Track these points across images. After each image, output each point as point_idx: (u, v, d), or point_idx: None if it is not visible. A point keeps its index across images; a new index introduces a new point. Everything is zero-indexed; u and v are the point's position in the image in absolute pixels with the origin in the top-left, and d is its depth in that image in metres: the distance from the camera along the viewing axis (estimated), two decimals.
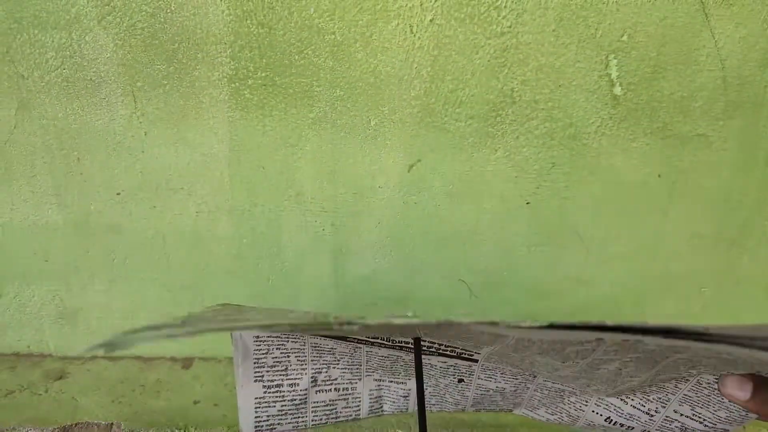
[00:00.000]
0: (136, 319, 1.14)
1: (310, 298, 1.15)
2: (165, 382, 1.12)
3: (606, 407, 0.60)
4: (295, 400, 0.61)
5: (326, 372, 0.62)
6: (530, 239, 1.13)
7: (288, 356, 0.60)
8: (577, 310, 1.20)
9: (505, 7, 0.93)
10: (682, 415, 0.56)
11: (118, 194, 1.05)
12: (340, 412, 0.64)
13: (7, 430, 0.99)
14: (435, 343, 0.61)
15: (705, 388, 0.53)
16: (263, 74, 0.97)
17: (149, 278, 1.11)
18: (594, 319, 1.15)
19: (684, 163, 1.10)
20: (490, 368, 0.62)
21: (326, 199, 1.08)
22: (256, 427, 0.60)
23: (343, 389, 0.63)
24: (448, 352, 0.62)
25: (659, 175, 1.06)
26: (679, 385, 0.55)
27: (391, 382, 0.64)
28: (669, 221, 1.14)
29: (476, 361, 0.62)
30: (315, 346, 0.62)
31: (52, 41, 0.93)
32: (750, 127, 1.07)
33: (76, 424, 1.01)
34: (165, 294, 1.12)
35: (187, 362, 1.17)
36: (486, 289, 1.17)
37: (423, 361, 0.61)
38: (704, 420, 0.55)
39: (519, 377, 0.62)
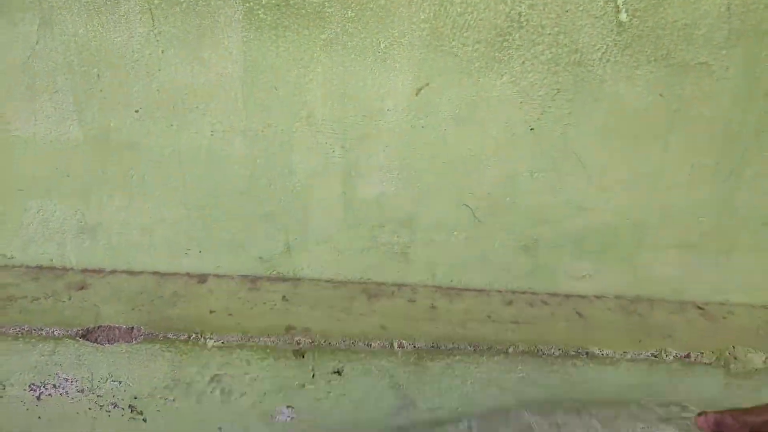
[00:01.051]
0: (153, 235, 1.19)
1: (319, 218, 1.20)
2: (181, 294, 1.18)
3: None
4: None
5: None
6: (533, 165, 1.17)
7: None
8: (577, 237, 1.24)
9: None
10: None
11: (137, 112, 1.09)
12: None
13: (35, 330, 1.06)
14: None
15: None
16: None
17: (166, 196, 1.15)
18: (593, 246, 1.19)
19: (686, 91, 1.13)
20: None
21: (336, 121, 1.12)
22: None
23: None
24: None
25: (660, 94, 1.08)
26: None
27: None
28: (669, 150, 1.18)
29: None
30: None
31: None
32: (752, 56, 1.09)
33: (98, 327, 1.08)
34: (181, 211, 1.17)
35: (202, 278, 1.23)
36: (489, 213, 1.21)
37: None
38: None
39: None
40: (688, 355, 1.16)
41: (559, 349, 1.14)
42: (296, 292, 1.21)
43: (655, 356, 1.16)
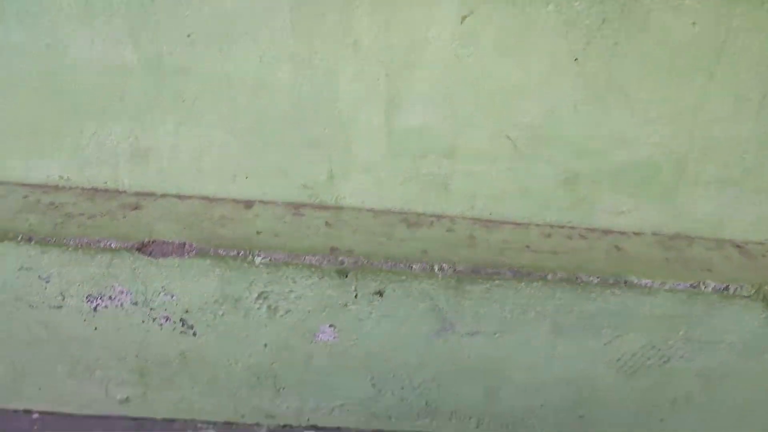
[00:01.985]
0: (202, 160, 1.23)
1: (362, 147, 1.22)
2: (229, 217, 1.22)
3: None
4: None
5: None
6: (577, 97, 1.18)
7: None
8: (617, 171, 1.25)
9: None
10: None
11: (188, 36, 1.12)
12: None
13: (93, 242, 1.12)
14: None
15: None
16: None
17: (215, 121, 1.19)
18: (633, 181, 1.20)
19: (734, 23, 1.11)
20: None
21: (381, 48, 1.14)
22: None
23: None
24: None
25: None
26: None
27: None
28: (715, 83, 1.17)
29: None
30: None
31: None
32: None
33: (152, 241, 1.13)
34: (229, 137, 1.21)
35: (248, 204, 1.27)
36: (530, 145, 1.22)
37: None
38: None
39: None
40: (727, 288, 1.17)
41: (598, 277, 1.16)
42: (339, 219, 1.25)
43: (694, 287, 1.17)
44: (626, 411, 1.35)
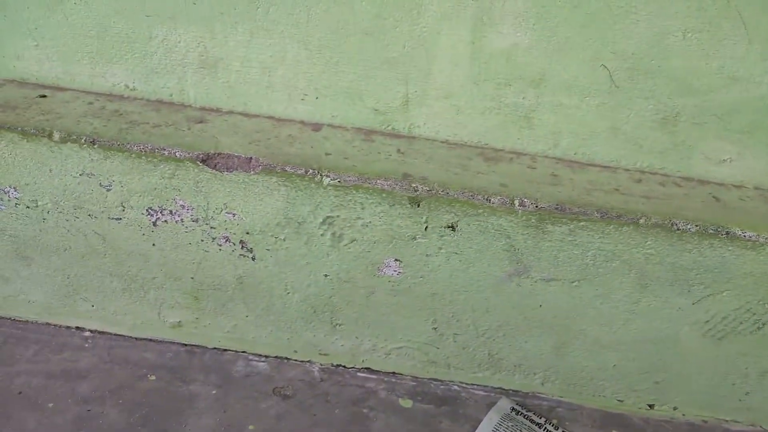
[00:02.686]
0: (272, 75, 1.16)
1: (442, 70, 1.13)
2: (297, 137, 1.15)
3: None
4: None
5: None
6: (688, 23, 1.05)
7: None
8: (724, 113, 1.12)
9: None
10: None
11: None
12: None
13: (157, 149, 1.06)
14: None
15: None
16: None
17: (289, 32, 1.12)
18: (740, 125, 1.08)
19: None
20: None
21: None
22: None
23: None
24: None
25: None
26: None
27: None
28: None
29: None
30: None
31: None
32: None
33: (218, 154, 1.07)
34: (302, 51, 1.14)
35: (316, 126, 1.20)
36: (628, 77, 1.11)
37: None
38: None
39: None
40: None
41: (696, 225, 1.05)
42: (411, 148, 1.17)
43: None
44: (707, 380, 1.24)
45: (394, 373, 1.30)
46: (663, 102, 1.12)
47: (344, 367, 1.31)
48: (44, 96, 1.18)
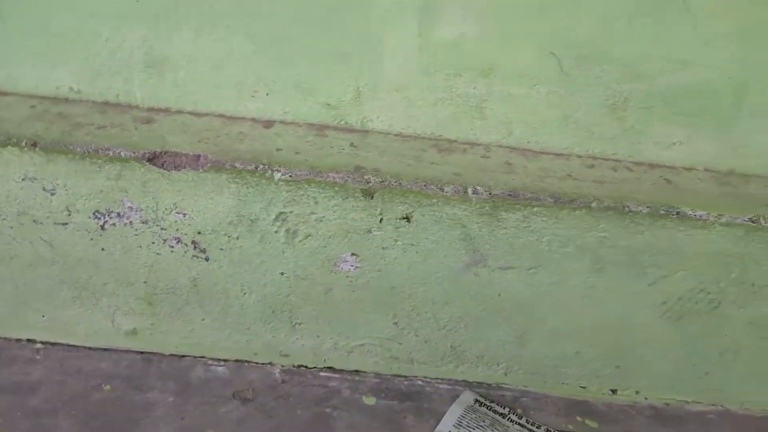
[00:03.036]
0: (221, 73, 1.15)
1: (393, 62, 1.13)
2: (248, 134, 1.14)
3: None
4: None
5: None
6: (634, 8, 1.07)
7: None
8: (671, 96, 1.14)
9: None
10: None
11: None
12: None
13: (102, 149, 1.03)
14: None
15: None
16: None
17: (237, 26, 1.10)
18: (688, 108, 1.09)
19: None
20: None
21: None
22: None
23: None
24: None
25: None
26: None
27: None
28: None
29: None
30: None
31: None
32: None
33: (165, 152, 1.05)
34: (251, 47, 1.12)
35: (268, 123, 1.19)
36: (577, 65, 1.12)
37: None
38: None
39: None
40: None
41: (648, 207, 1.06)
42: (364, 142, 1.16)
43: (754, 221, 1.06)
44: (668, 362, 1.25)
45: (356, 371, 1.29)
46: (611, 88, 1.14)
47: (306, 367, 1.29)
48: None
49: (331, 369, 1.29)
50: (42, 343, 1.27)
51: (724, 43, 1.09)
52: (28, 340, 1.28)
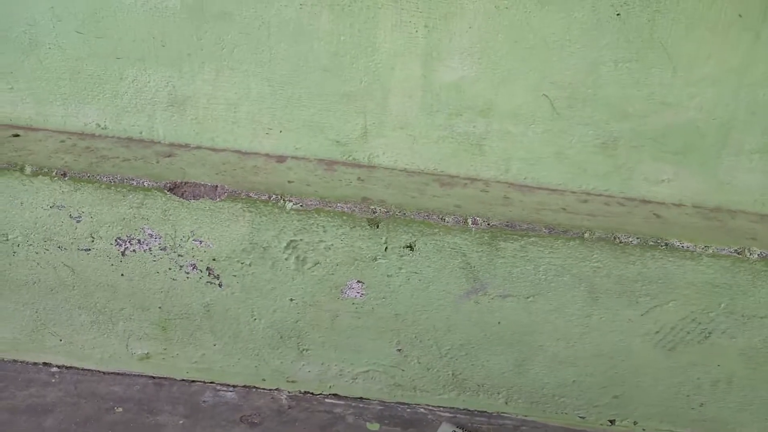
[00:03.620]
0: (238, 111, 1.23)
1: (397, 103, 1.21)
2: (262, 168, 1.21)
3: None
4: None
5: None
6: (618, 54, 1.16)
7: None
8: (658, 136, 1.22)
9: None
10: None
11: None
12: None
13: (126, 179, 1.11)
14: None
15: None
16: None
17: (253, 69, 1.20)
18: (674, 146, 1.17)
19: None
20: None
21: None
22: None
23: None
24: None
25: None
26: None
27: None
28: (761, 44, 1.14)
29: None
30: None
31: None
32: None
33: (185, 182, 1.12)
34: (266, 87, 1.21)
35: (281, 159, 1.27)
36: (568, 105, 1.20)
37: None
38: None
39: None
40: None
41: (638, 238, 1.12)
42: (371, 176, 1.23)
43: (739, 253, 1.12)
44: (664, 392, 1.28)
45: (361, 398, 1.33)
46: (601, 127, 1.21)
47: (312, 393, 1.32)
48: (17, 135, 1.23)
49: (336, 395, 1.33)
50: (58, 366, 1.32)
51: (705, 84, 1.17)
52: (45, 364, 1.32)
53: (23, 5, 1.16)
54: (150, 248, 1.16)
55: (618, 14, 1.13)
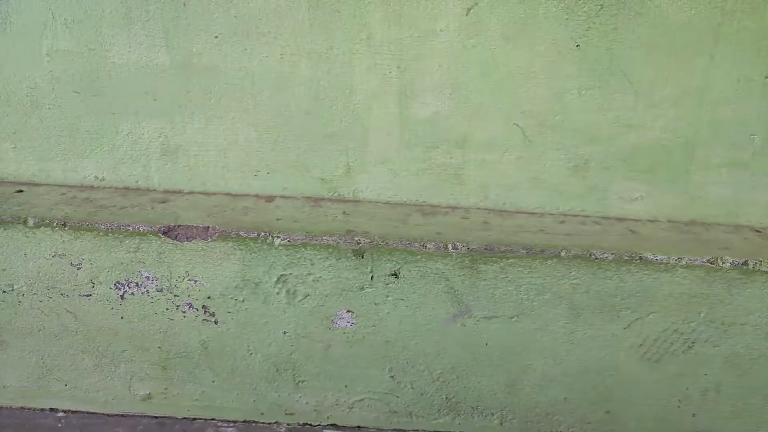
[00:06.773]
0: (227, 156, 1.31)
1: (377, 139, 1.28)
2: (251, 208, 1.28)
3: None
4: None
5: None
6: (581, 82, 1.23)
7: None
8: (627, 156, 1.28)
9: None
10: None
11: (216, 37, 1.22)
12: None
13: (123, 225, 1.18)
14: None
15: None
16: None
17: (239, 117, 1.27)
18: (643, 165, 1.23)
19: (728, 4, 1.17)
20: None
21: (393, 41, 1.22)
22: None
23: None
24: None
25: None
26: None
27: None
28: (716, 65, 1.21)
29: None
30: None
31: None
32: None
33: (178, 225, 1.19)
34: (253, 133, 1.29)
35: (269, 198, 1.33)
36: (539, 133, 1.27)
37: None
38: None
39: None
40: (746, 263, 1.17)
41: (612, 254, 1.17)
42: (356, 210, 1.30)
43: (712, 263, 1.16)
44: (655, 406, 1.31)
45: (359, 427, 1.35)
46: (572, 151, 1.28)
47: (310, 425, 1.36)
48: (21, 191, 1.31)
49: (334, 426, 1.36)
50: (64, 411, 1.36)
51: (666, 105, 1.24)
52: (51, 409, 1.37)
53: (25, 70, 1.25)
54: (147, 290, 1.22)
55: (578, 45, 1.21)
